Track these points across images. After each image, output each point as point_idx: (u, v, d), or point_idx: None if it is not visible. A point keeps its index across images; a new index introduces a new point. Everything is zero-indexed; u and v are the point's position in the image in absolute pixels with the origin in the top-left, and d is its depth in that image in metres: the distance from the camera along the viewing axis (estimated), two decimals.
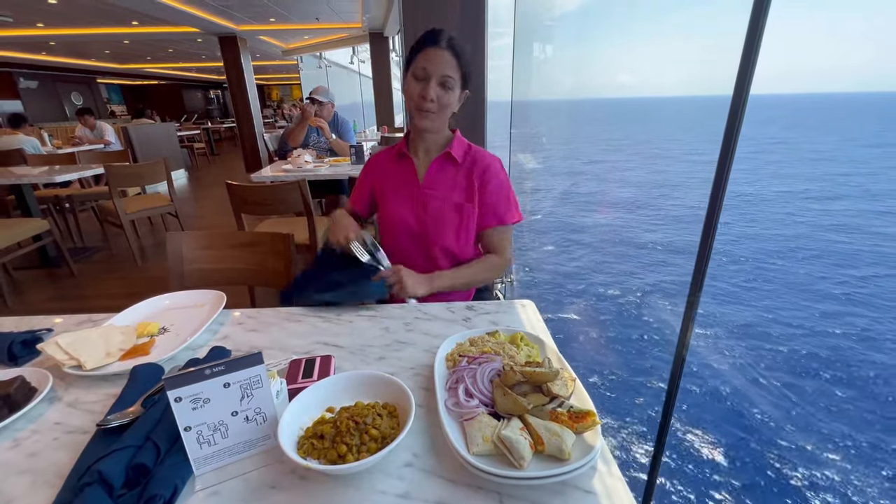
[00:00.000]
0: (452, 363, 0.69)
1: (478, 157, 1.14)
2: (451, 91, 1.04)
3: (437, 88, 1.02)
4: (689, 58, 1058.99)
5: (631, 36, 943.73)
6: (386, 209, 1.18)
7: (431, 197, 1.13)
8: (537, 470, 0.50)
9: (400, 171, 1.18)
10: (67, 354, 0.72)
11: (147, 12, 5.20)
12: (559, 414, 0.55)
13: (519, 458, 0.49)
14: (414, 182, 1.15)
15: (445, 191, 1.13)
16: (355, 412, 0.54)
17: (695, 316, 0.93)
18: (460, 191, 1.12)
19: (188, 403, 0.50)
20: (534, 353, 0.73)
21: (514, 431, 0.52)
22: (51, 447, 0.58)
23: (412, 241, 1.16)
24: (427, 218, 1.13)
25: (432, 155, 1.15)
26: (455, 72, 1.02)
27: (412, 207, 1.14)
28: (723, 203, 0.87)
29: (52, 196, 3.96)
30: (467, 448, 0.52)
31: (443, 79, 1.01)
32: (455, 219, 1.12)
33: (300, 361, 0.71)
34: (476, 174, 1.12)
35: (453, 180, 1.13)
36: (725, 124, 0.86)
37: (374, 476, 0.52)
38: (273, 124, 11.56)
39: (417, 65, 1.02)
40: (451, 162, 1.14)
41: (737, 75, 0.82)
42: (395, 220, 1.16)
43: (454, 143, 1.14)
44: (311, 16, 6.22)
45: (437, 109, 1.04)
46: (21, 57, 9.21)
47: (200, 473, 0.53)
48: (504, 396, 0.57)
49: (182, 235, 1.27)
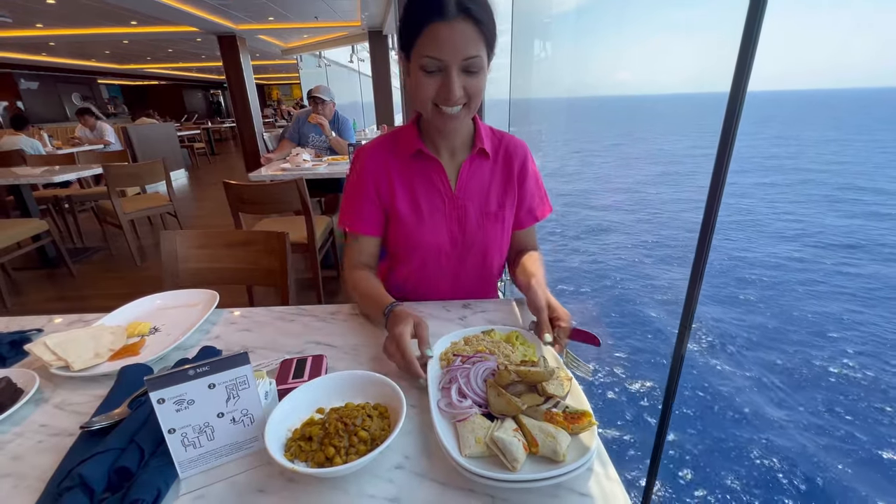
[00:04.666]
0: (446, 362, 0.67)
1: (510, 146, 0.95)
2: (480, 73, 0.76)
3: (460, 79, 0.75)
4: (690, 54, 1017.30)
5: (631, 33, 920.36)
6: (410, 230, 0.90)
7: (468, 209, 0.91)
8: (531, 472, 0.48)
9: (420, 176, 0.91)
10: (55, 355, 0.71)
11: (145, 12, 5.19)
12: (554, 415, 0.53)
13: (512, 461, 0.48)
14: (445, 190, 0.90)
15: (482, 198, 0.92)
16: (344, 413, 0.53)
17: (693, 313, 0.92)
18: (497, 194, 0.93)
19: (172, 405, 0.49)
20: (530, 352, 0.71)
21: (508, 433, 0.50)
22: (35, 450, 0.57)
23: (440, 268, 0.95)
24: (465, 236, 0.92)
25: (461, 154, 0.92)
26: (479, 46, 0.73)
27: (446, 224, 0.91)
28: (721, 199, 0.86)
29: (52, 196, 3.96)
30: (459, 450, 0.51)
31: (466, 64, 0.74)
32: (498, 232, 0.93)
33: (291, 361, 0.69)
34: (515, 169, 0.93)
35: (488, 182, 0.92)
36: (723, 121, 0.85)
37: (364, 479, 0.50)
38: (273, 124, 11.56)
39: (424, 53, 0.73)
40: (483, 158, 0.92)
41: (734, 71, 0.81)
42: (425, 244, 0.91)
43: (480, 132, 0.91)
44: (310, 14, 6.20)
45: (468, 102, 0.79)
46: (21, 58, 9.21)
47: (186, 476, 0.51)
48: (498, 397, 0.56)
49: (176, 234, 1.26)
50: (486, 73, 0.79)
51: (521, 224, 0.97)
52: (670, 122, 40.35)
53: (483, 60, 0.75)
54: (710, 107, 52.99)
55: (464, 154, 0.92)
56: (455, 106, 0.78)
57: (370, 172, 0.91)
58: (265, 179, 2.64)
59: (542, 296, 0.74)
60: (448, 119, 0.80)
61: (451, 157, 0.92)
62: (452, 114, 0.79)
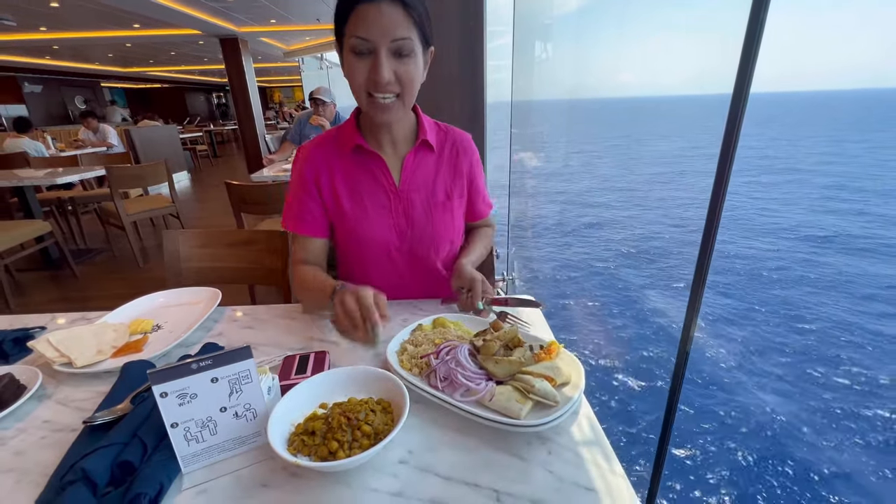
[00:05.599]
0: (419, 369, 0.66)
1: (456, 137, 0.95)
2: (412, 58, 0.75)
3: (390, 62, 0.73)
4: (695, 54, 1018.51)
5: (634, 34, 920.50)
6: (355, 227, 0.89)
7: (414, 202, 0.90)
8: (545, 412, 0.57)
9: (363, 171, 0.89)
10: (58, 352, 0.71)
11: (148, 15, 5.21)
12: (539, 354, 0.64)
13: (553, 398, 0.57)
14: (389, 186, 0.89)
15: (427, 190, 0.91)
16: (347, 408, 0.53)
17: (698, 311, 0.91)
18: (444, 185, 0.93)
19: (174, 399, 0.48)
20: (462, 328, 0.78)
21: (538, 381, 0.58)
22: (38, 445, 0.57)
23: (392, 263, 0.94)
24: (413, 230, 0.91)
25: (403, 147, 0.91)
26: (409, 28, 0.72)
27: (392, 219, 0.90)
28: (725, 198, 0.86)
29: (55, 198, 3.98)
30: (516, 417, 0.55)
31: (395, 45, 0.72)
32: (447, 221, 0.93)
33: (294, 357, 0.69)
34: (463, 160, 0.94)
35: (434, 174, 0.92)
36: (726, 122, 0.84)
37: (367, 473, 0.50)
38: (275, 126, 11.59)
39: (352, 33, 0.72)
40: (427, 151, 0.92)
41: (737, 73, 0.81)
42: (372, 240, 0.90)
43: (424, 125, 0.90)
44: (312, 16, 6.23)
45: (400, 90, 0.77)
46: (25, 61, 9.27)
47: (188, 471, 0.51)
48: (497, 364, 0.62)
49: (179, 234, 1.26)
50: (421, 61, 0.77)
51: (480, 213, 1.02)
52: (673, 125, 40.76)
53: (413, 44, 0.74)
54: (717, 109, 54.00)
55: (407, 147, 0.91)
56: (387, 94, 0.76)
57: (311, 170, 0.89)
58: (267, 180, 2.65)
59: (466, 274, 0.84)
60: (381, 109, 0.78)
61: (394, 149, 0.91)
62: (385, 103, 0.77)
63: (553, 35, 4.41)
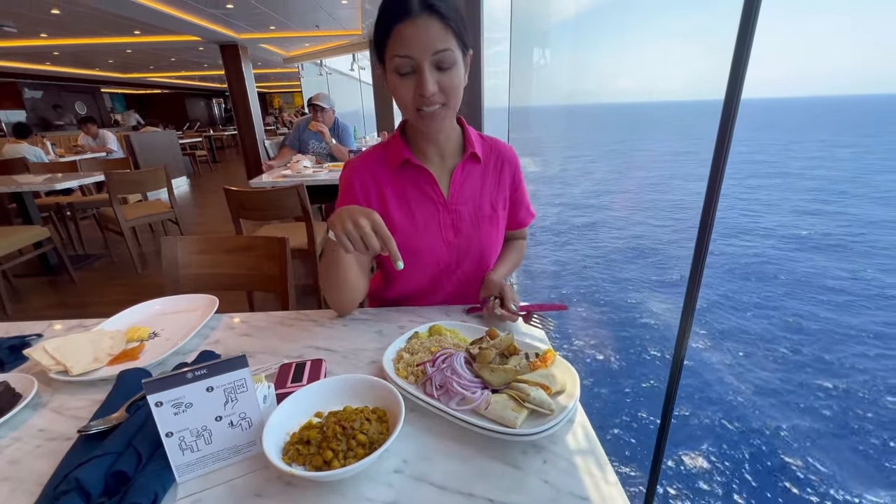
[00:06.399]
0: (415, 378, 0.66)
1: (500, 149, 0.97)
2: (454, 68, 0.76)
3: (433, 74, 0.75)
4: (691, 61, 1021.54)
5: (632, 40, 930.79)
6: (407, 240, 0.90)
7: (462, 214, 0.91)
8: (541, 421, 0.56)
9: (411, 185, 0.90)
10: (54, 360, 0.71)
11: (148, 22, 5.25)
12: (534, 362, 0.65)
13: (549, 407, 0.56)
14: (437, 198, 0.90)
15: (475, 203, 0.92)
16: (343, 417, 0.53)
17: (693, 316, 0.91)
18: (490, 197, 0.94)
19: (169, 408, 0.48)
20: (458, 336, 0.78)
21: (533, 390, 0.58)
22: (33, 454, 0.56)
23: (436, 276, 0.95)
24: (461, 241, 0.92)
25: (450, 160, 0.92)
26: (447, 39, 0.73)
27: (441, 232, 0.91)
28: (718, 201, 0.86)
29: (54, 204, 3.99)
30: (511, 426, 0.55)
31: (436, 58, 0.74)
32: (494, 235, 0.94)
33: (290, 365, 0.69)
34: (508, 171, 0.96)
35: (480, 186, 0.93)
36: (718, 127, 0.85)
37: (362, 483, 0.50)
38: (274, 131, 11.63)
39: (394, 53, 0.74)
40: (474, 163, 0.93)
41: (728, 79, 0.82)
42: (423, 252, 0.91)
43: (471, 138, 0.92)
44: (311, 23, 6.27)
45: (446, 100, 0.78)
46: (26, 67, 9.31)
47: (183, 481, 0.51)
48: (493, 373, 0.62)
49: (178, 240, 1.26)
50: (463, 68, 0.79)
51: (521, 222, 1.03)
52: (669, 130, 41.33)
53: (455, 55, 0.75)
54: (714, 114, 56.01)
55: (454, 160, 0.92)
56: (433, 105, 0.78)
57: (359, 187, 0.91)
58: (266, 186, 2.65)
59: (495, 283, 0.86)
60: (429, 120, 0.80)
61: (442, 162, 0.92)
62: (432, 113, 0.79)
63: (551, 42, 4.47)
